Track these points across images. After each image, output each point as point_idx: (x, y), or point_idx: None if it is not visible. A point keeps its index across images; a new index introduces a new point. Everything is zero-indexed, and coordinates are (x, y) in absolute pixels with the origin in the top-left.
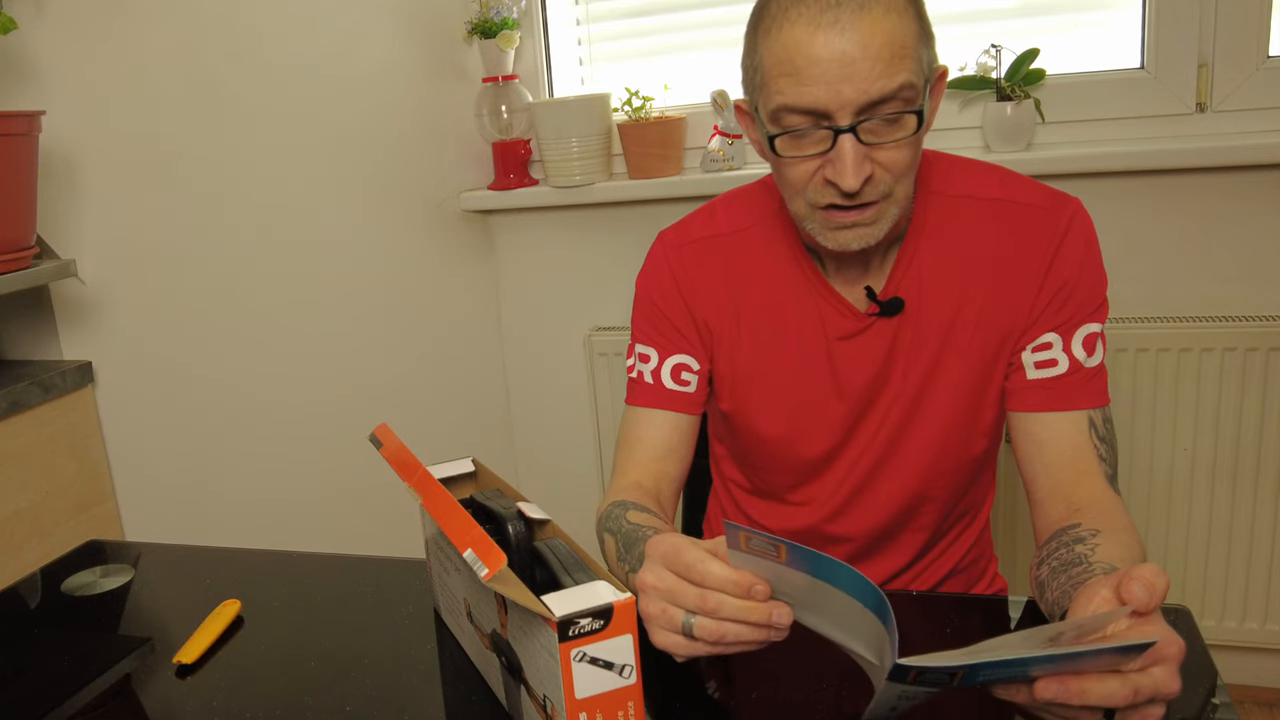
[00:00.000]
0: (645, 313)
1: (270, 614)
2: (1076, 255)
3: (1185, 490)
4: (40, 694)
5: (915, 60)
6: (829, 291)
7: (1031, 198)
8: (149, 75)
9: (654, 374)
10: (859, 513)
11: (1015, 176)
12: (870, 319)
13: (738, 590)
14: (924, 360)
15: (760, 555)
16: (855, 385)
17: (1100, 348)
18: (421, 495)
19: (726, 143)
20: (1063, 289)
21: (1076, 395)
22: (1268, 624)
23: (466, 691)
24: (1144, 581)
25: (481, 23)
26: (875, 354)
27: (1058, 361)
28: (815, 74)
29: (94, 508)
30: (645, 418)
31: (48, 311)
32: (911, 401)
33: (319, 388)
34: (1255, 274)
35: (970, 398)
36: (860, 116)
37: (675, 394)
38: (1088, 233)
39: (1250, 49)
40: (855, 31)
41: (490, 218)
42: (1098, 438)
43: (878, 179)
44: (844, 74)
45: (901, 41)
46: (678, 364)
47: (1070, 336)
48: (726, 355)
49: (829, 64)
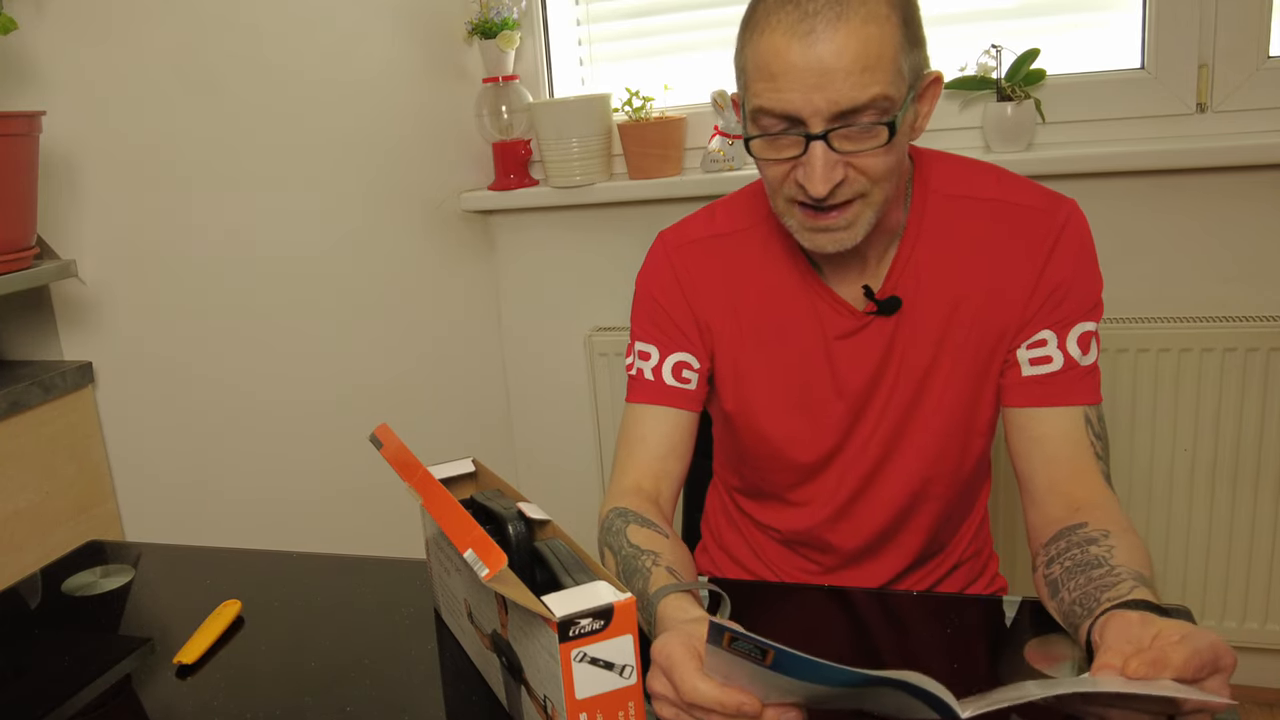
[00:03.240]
0: (646, 310)
1: (270, 614)
2: (1072, 254)
3: (1185, 490)
4: (40, 694)
5: (893, 71)
6: (826, 291)
7: (1028, 199)
8: (149, 75)
9: (655, 371)
10: (860, 513)
11: (1012, 177)
12: (868, 318)
13: (725, 711)
14: (921, 359)
15: (744, 658)
16: (854, 384)
17: (1094, 347)
18: (422, 495)
19: (727, 143)
20: (1058, 288)
21: (1072, 391)
22: (1268, 624)
23: (467, 692)
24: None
25: (482, 23)
26: (873, 353)
27: (1052, 358)
28: (790, 81)
29: (94, 508)
30: (646, 415)
31: (48, 312)
32: (909, 401)
33: (319, 388)
34: (1255, 274)
35: (967, 396)
36: (832, 124)
37: (676, 390)
38: (1083, 233)
39: (1250, 49)
40: (830, 42)
41: (490, 218)
42: (1094, 434)
43: (851, 181)
44: (817, 83)
45: (878, 52)
46: (679, 362)
47: (1065, 334)
48: (728, 354)
49: (803, 72)
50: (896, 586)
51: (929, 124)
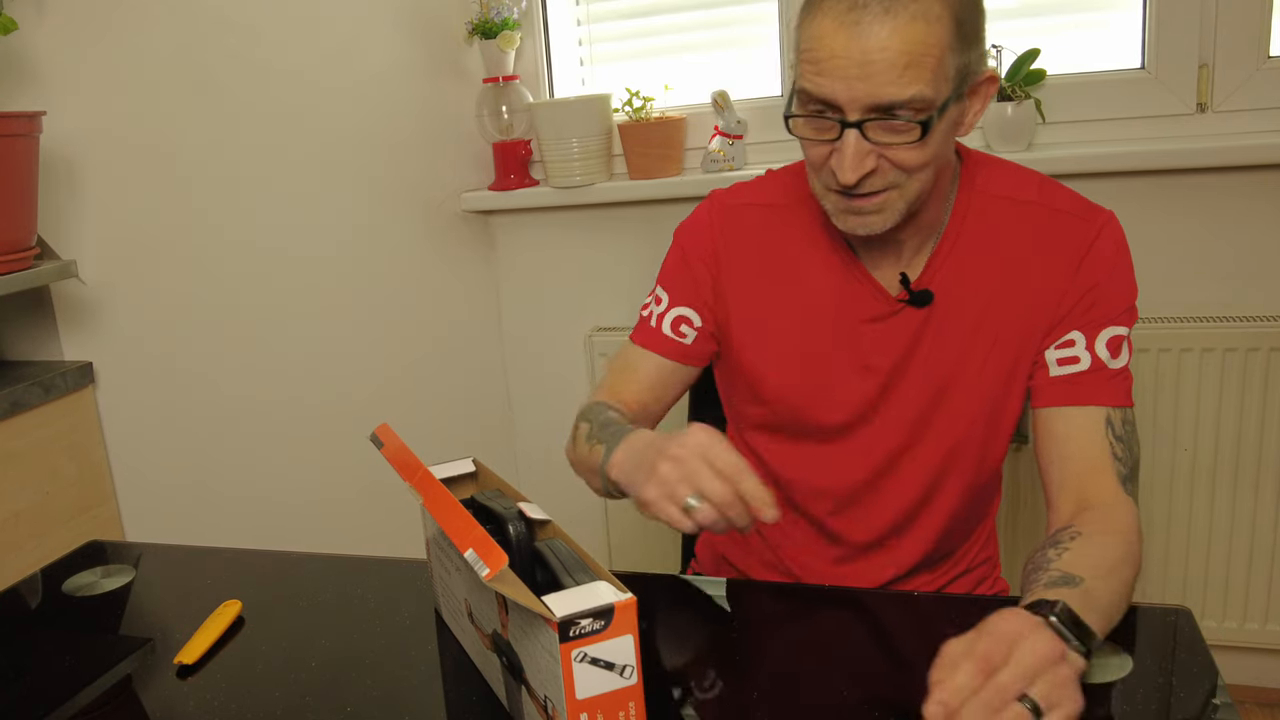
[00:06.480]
0: (674, 258)
1: (270, 614)
2: (1106, 260)
3: (1185, 490)
4: (41, 694)
5: (936, 71)
6: (862, 273)
7: (1067, 205)
8: (149, 75)
9: (659, 318)
10: (874, 500)
11: (1054, 184)
12: (899, 305)
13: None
14: (950, 353)
15: None
16: (880, 365)
17: (1126, 351)
18: (422, 495)
19: (727, 143)
20: (1090, 291)
21: (1096, 392)
22: (1268, 624)
23: (467, 692)
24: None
25: (482, 23)
26: (900, 340)
27: (1080, 359)
28: (832, 68)
29: (95, 508)
30: (639, 355)
31: (48, 312)
32: (936, 392)
33: (319, 388)
34: (1256, 274)
35: (995, 394)
36: (868, 115)
37: (670, 341)
38: (1119, 241)
39: (1250, 49)
40: (875, 36)
41: (490, 218)
42: (1114, 436)
43: (883, 171)
44: (859, 74)
45: (923, 51)
46: (680, 315)
47: (1095, 336)
48: (750, 317)
49: (845, 61)
50: (903, 586)
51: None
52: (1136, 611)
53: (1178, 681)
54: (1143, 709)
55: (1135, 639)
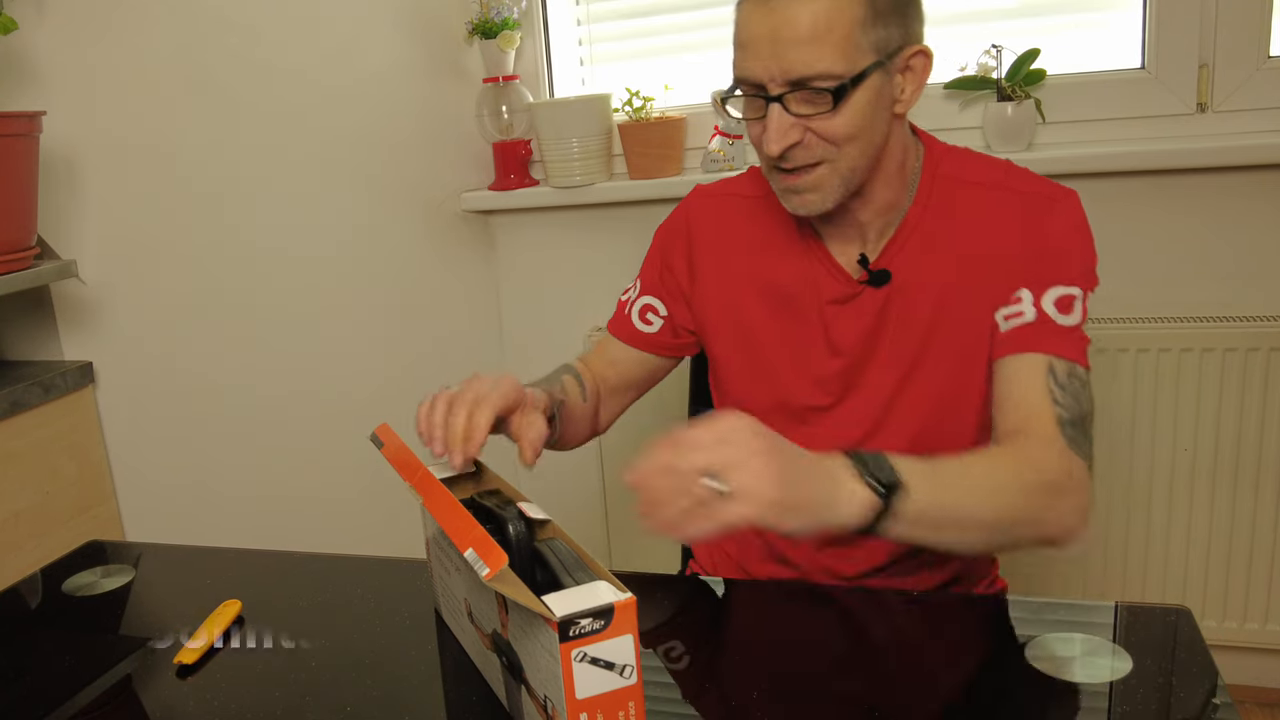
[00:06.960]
0: (652, 250)
1: (270, 614)
2: (1060, 227)
3: (1185, 490)
4: (41, 694)
5: (846, 44)
6: (824, 255)
7: (1030, 187)
8: (149, 75)
9: (630, 305)
10: None
11: (1021, 170)
12: (860, 287)
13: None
14: (915, 334)
15: None
16: (847, 345)
17: (1078, 311)
18: (422, 495)
19: (727, 143)
20: (1040, 253)
21: (1038, 341)
22: (1268, 624)
23: (467, 692)
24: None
25: (482, 23)
26: (864, 320)
27: (1024, 313)
28: (754, 50)
29: (94, 508)
30: (610, 343)
31: (48, 312)
32: (903, 371)
33: (319, 388)
34: (1255, 274)
35: (960, 371)
36: (787, 89)
37: (635, 331)
38: (1076, 215)
39: (1251, 49)
40: (783, 13)
41: (490, 218)
42: (1056, 383)
43: (810, 145)
44: (770, 50)
45: (828, 26)
46: (646, 304)
47: (1041, 293)
48: (724, 303)
49: (760, 40)
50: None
51: (926, 118)
52: (1136, 611)
53: (1178, 681)
54: (1143, 709)
55: (1135, 639)
